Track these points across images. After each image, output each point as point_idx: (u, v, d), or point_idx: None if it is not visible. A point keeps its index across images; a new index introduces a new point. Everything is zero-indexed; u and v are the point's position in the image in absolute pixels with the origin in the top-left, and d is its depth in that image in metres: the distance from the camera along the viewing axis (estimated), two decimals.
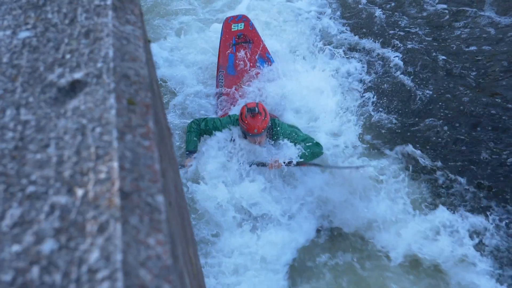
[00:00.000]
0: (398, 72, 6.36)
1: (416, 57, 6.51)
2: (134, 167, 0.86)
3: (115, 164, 0.84)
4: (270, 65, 6.04)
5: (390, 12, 7.37)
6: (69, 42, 1.02)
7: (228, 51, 6.01)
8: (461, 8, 7.15)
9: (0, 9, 1.11)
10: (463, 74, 6.20)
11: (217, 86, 5.99)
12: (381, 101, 6.01)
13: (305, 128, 5.37)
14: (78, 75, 0.96)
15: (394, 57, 6.52)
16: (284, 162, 4.83)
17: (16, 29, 1.06)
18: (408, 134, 5.64)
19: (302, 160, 4.89)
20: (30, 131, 0.90)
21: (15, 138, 0.89)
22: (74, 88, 0.95)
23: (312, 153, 4.96)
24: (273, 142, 5.11)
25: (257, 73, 5.87)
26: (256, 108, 4.82)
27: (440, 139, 5.55)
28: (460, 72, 6.23)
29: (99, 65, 0.97)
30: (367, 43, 6.82)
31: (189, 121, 5.32)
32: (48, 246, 0.76)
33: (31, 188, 0.83)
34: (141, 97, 0.97)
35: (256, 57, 6.08)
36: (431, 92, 6.02)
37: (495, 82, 6.06)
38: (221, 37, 6.07)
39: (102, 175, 0.83)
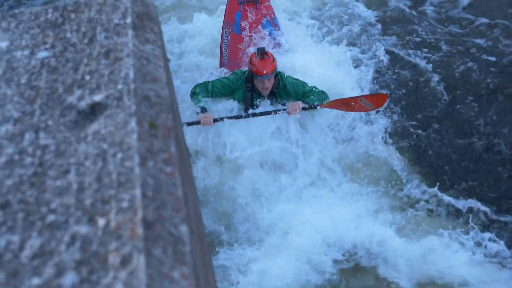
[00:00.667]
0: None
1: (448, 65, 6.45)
2: (156, 194, 0.85)
3: (138, 192, 0.83)
4: (276, 29, 6.00)
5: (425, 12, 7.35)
6: (89, 62, 1.01)
7: (236, 9, 5.89)
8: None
9: (18, 28, 1.11)
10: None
11: (221, 43, 5.90)
12: (398, 107, 5.96)
13: None
14: (98, 97, 0.96)
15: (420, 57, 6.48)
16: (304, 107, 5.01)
17: (34, 49, 1.06)
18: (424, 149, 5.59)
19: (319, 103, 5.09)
20: (50, 156, 0.89)
21: (34, 164, 0.89)
22: (94, 111, 0.94)
23: (321, 99, 5.15)
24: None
25: (262, 37, 5.86)
26: (266, 50, 5.01)
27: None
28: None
29: (119, 86, 0.97)
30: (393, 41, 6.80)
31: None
32: (69, 279, 0.74)
33: (51, 217, 0.82)
34: (162, 120, 0.96)
35: (263, 19, 6.01)
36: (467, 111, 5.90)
37: None
38: None
39: (124, 204, 0.82)
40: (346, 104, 5.27)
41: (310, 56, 5.89)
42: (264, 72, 4.94)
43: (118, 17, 1.09)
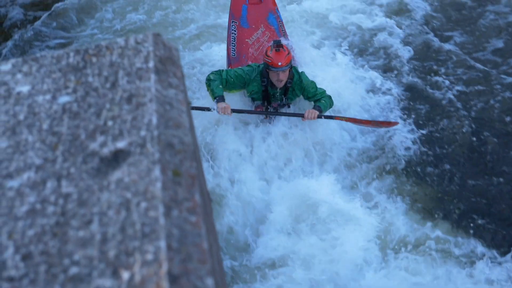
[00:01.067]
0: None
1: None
2: (181, 246, 0.83)
3: (162, 244, 0.82)
4: (279, 21, 6.07)
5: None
6: (111, 107, 1.02)
7: (242, 2, 5.85)
8: None
9: (40, 72, 1.12)
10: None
11: (228, 38, 5.85)
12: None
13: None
14: (121, 144, 0.95)
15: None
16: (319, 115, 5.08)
17: (56, 94, 1.06)
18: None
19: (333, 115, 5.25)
20: (72, 205, 0.89)
21: (56, 213, 0.88)
22: (117, 158, 0.94)
23: (330, 105, 5.29)
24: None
25: (270, 37, 5.84)
26: (281, 42, 5.06)
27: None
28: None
29: (142, 133, 0.96)
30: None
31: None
32: None
33: (74, 269, 0.81)
34: (186, 168, 0.95)
35: (268, 12, 6.03)
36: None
37: None
38: None
39: (149, 256, 0.81)
40: (358, 122, 5.43)
41: (322, 70, 5.94)
42: (279, 64, 4.99)
43: (141, 61, 1.09)
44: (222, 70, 5.21)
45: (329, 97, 5.32)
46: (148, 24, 7.35)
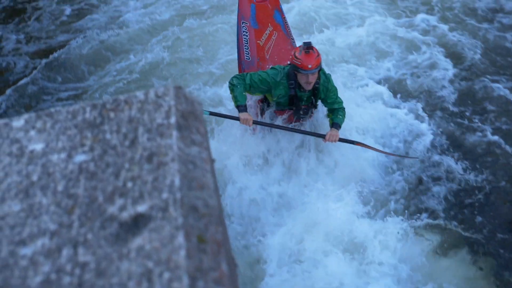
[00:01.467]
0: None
1: None
2: None
3: None
4: (284, 19, 5.99)
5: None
6: (130, 167, 0.97)
7: (250, 1, 5.64)
8: None
9: (54, 128, 1.07)
10: None
11: (240, 41, 5.61)
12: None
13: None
14: (141, 207, 0.90)
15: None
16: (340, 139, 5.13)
17: (71, 152, 1.01)
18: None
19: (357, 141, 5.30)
20: (90, 275, 0.83)
21: (73, 284, 0.82)
22: (138, 223, 0.88)
23: (344, 119, 5.24)
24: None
25: (279, 36, 5.79)
26: (311, 44, 4.92)
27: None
28: None
29: (164, 195, 0.91)
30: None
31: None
32: None
33: None
34: (211, 233, 0.89)
35: (274, 10, 5.90)
36: None
37: None
38: None
39: None
40: (377, 150, 5.46)
41: (357, 103, 6.06)
42: (309, 66, 4.86)
43: (161, 116, 1.05)
44: (246, 74, 5.04)
45: (344, 109, 5.28)
46: (157, 66, 7.37)
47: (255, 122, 5.06)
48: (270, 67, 5.18)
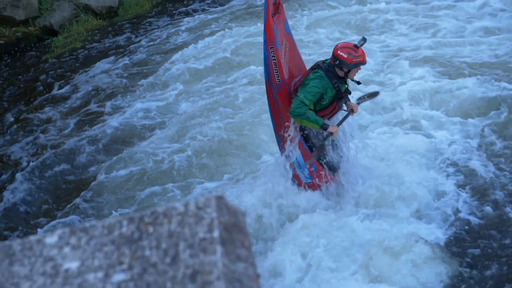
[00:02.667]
0: None
1: None
2: None
3: None
4: (289, 25, 6.28)
5: None
6: (173, 287, 0.91)
7: (272, 23, 5.70)
8: None
9: (90, 244, 1.04)
10: None
11: (270, 66, 5.71)
12: None
13: None
14: None
15: None
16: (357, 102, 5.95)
17: (109, 271, 0.97)
18: None
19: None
20: None
21: None
22: None
23: None
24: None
25: (290, 46, 6.04)
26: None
27: None
28: None
29: None
30: None
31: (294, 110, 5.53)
32: None
33: None
34: None
35: (284, 20, 6.07)
36: None
37: None
38: (266, 8, 5.65)
39: None
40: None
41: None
42: (366, 60, 5.62)
43: (203, 230, 1.01)
44: (300, 99, 5.50)
45: None
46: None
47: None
48: (308, 78, 5.62)
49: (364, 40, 5.59)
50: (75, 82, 10.50)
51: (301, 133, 5.94)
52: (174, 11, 13.90)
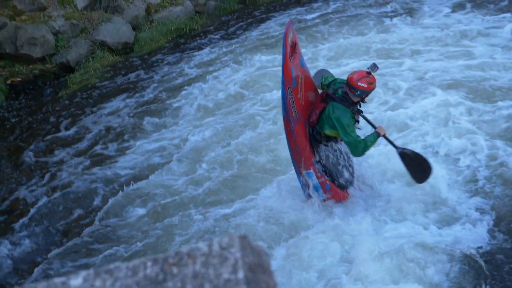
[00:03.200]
0: None
1: None
2: None
3: None
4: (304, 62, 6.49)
5: None
6: None
7: (290, 64, 5.92)
8: None
9: (114, 286, 1.05)
10: None
11: (288, 104, 5.99)
12: None
13: None
14: None
15: None
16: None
17: None
18: None
19: None
20: None
21: None
22: None
23: None
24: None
25: (305, 79, 6.24)
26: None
27: None
28: None
29: None
30: None
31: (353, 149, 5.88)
32: None
33: None
34: None
35: (300, 56, 6.31)
36: None
37: None
38: (284, 53, 5.87)
39: None
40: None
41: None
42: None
43: (228, 270, 1.01)
44: (352, 139, 5.85)
45: None
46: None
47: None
48: (333, 114, 5.89)
49: (376, 66, 5.86)
50: (86, 121, 10.61)
51: (320, 165, 6.33)
52: (187, 46, 14.12)
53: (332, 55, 11.49)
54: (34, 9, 14.03)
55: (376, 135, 5.92)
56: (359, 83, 5.75)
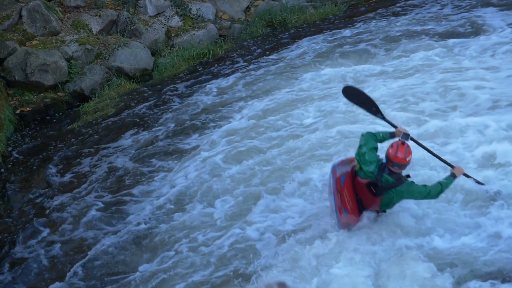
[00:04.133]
0: None
1: None
2: None
3: None
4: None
5: None
6: None
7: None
8: None
9: None
10: None
11: (336, 206, 6.36)
12: None
13: None
14: None
15: None
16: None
17: None
18: None
19: None
20: None
21: None
22: None
23: None
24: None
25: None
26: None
27: None
28: None
29: None
30: None
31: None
32: None
33: None
34: None
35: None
36: None
37: None
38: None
39: None
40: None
41: None
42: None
43: None
44: (424, 192, 5.93)
45: None
46: None
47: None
48: (405, 195, 6.05)
49: (408, 136, 5.98)
50: (96, 160, 9.81)
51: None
52: (210, 71, 13.16)
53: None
54: (45, 33, 13.32)
55: (453, 177, 6.00)
56: (407, 159, 5.85)
